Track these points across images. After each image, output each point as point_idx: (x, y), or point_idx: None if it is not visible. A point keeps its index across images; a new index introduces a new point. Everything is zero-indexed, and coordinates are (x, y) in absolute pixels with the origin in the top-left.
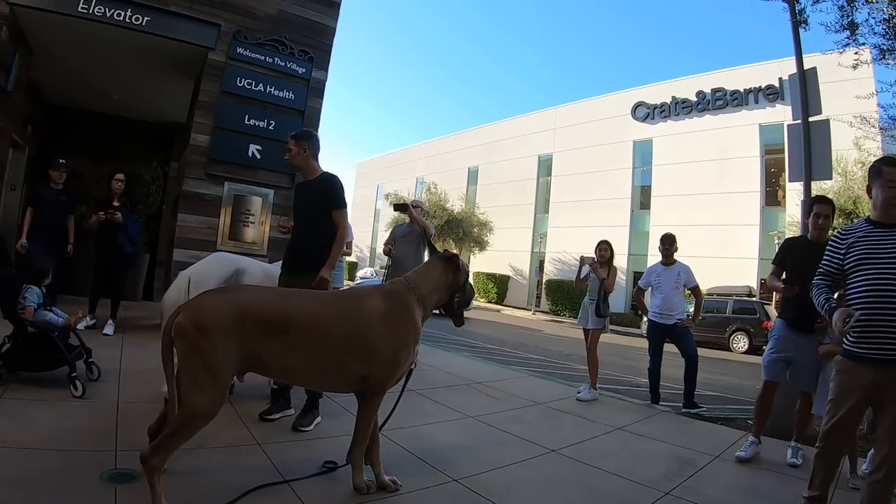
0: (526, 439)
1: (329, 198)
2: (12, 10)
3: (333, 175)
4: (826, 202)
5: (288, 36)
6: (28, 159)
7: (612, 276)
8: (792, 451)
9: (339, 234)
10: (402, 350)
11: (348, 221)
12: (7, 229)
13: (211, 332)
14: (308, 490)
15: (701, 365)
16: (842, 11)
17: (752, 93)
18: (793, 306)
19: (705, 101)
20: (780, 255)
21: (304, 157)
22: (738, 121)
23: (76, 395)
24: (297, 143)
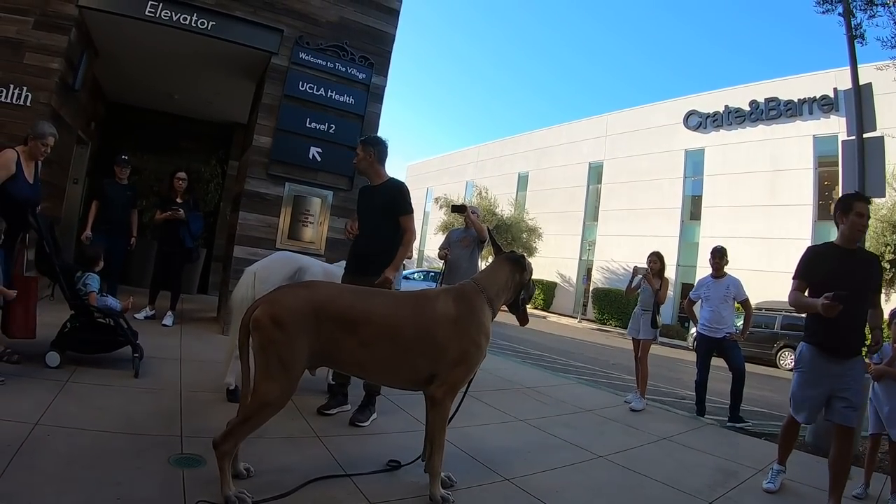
0: (575, 444)
1: (397, 203)
2: (81, 13)
3: (400, 181)
4: (868, 201)
5: (349, 42)
6: (90, 155)
7: (664, 288)
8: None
9: (407, 238)
10: (473, 351)
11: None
12: (69, 221)
13: (286, 325)
14: (369, 485)
15: (747, 380)
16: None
17: (805, 103)
18: (828, 328)
19: (758, 110)
20: (805, 266)
21: (370, 162)
22: (792, 132)
23: (134, 377)
24: (364, 148)
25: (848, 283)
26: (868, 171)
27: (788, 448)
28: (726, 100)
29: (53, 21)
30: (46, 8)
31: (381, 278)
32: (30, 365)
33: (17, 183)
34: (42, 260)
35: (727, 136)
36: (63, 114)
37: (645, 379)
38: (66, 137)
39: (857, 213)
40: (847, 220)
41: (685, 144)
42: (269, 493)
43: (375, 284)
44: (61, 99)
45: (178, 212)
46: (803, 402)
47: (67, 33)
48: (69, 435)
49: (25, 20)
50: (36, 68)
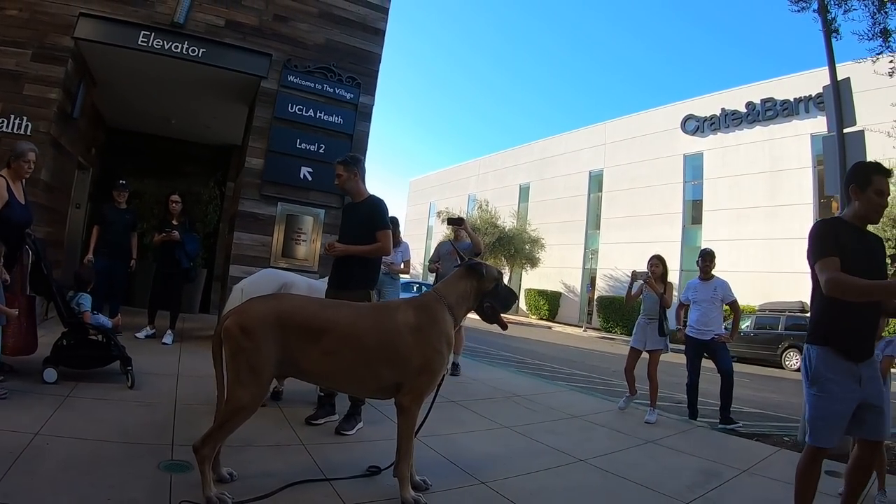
0: (557, 449)
1: (375, 219)
2: (77, 44)
3: (379, 198)
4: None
5: (336, 63)
6: (92, 180)
7: (668, 292)
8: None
9: (376, 246)
10: (435, 358)
11: (402, 240)
12: (72, 244)
13: (254, 334)
14: (347, 489)
15: (750, 382)
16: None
17: (801, 102)
18: (852, 324)
19: (755, 111)
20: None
21: (354, 181)
22: (789, 131)
23: (129, 387)
24: (346, 168)
25: (871, 264)
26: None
27: (811, 501)
28: (723, 102)
29: (51, 53)
30: (44, 41)
31: (328, 244)
32: (29, 381)
33: (12, 207)
34: (38, 280)
35: (725, 139)
36: (63, 141)
37: (656, 391)
38: (66, 164)
39: (876, 191)
40: (863, 196)
41: (684, 149)
42: (251, 496)
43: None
44: (60, 127)
45: (173, 233)
46: (834, 422)
47: (64, 64)
48: (67, 444)
49: (24, 52)
50: (35, 98)
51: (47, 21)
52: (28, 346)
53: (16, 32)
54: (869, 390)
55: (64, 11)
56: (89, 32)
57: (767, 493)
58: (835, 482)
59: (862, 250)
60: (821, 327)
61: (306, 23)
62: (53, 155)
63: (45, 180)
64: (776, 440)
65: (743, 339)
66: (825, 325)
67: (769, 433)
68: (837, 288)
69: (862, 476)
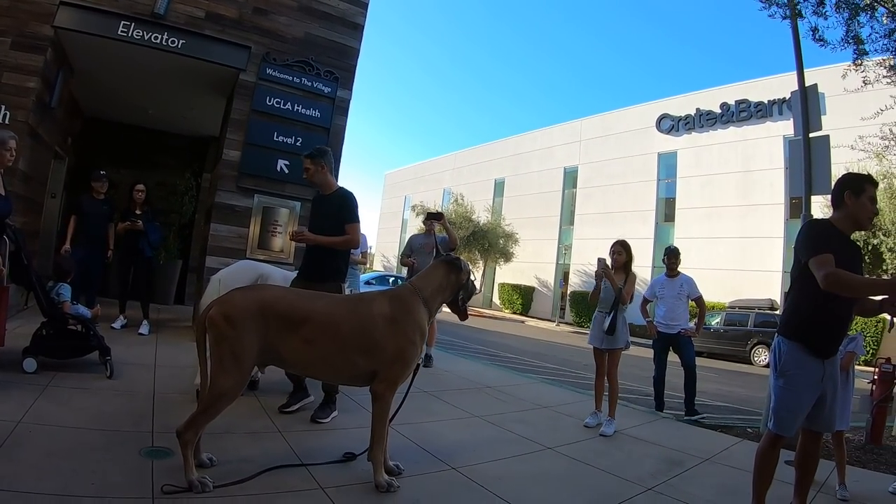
0: (526, 437)
1: (345, 211)
2: (56, 33)
3: (349, 191)
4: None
5: (314, 57)
6: (67, 169)
7: (629, 285)
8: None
9: (344, 239)
10: (409, 348)
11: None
12: (47, 234)
13: (236, 322)
14: (323, 474)
15: (718, 377)
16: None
17: (776, 104)
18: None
19: (729, 112)
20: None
21: (323, 174)
22: (763, 132)
23: (108, 377)
24: (313, 161)
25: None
26: (814, 169)
27: (768, 483)
28: (697, 103)
29: (30, 41)
30: (23, 29)
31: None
32: (8, 371)
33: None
34: (18, 270)
35: (699, 139)
36: (40, 131)
37: (615, 397)
38: (43, 153)
39: (869, 198)
40: (857, 202)
41: (658, 147)
42: (230, 480)
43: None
44: (38, 117)
45: (137, 223)
46: (798, 411)
47: (44, 53)
48: (49, 432)
49: (3, 41)
50: (13, 87)
51: (27, 9)
52: None
53: None
54: (828, 387)
55: (45, 0)
56: (69, 21)
57: (727, 480)
58: (792, 471)
59: (847, 259)
60: (794, 322)
61: (286, 16)
62: (31, 145)
63: (22, 170)
64: (739, 431)
65: (713, 335)
66: (798, 321)
67: (733, 425)
68: (837, 283)
69: (810, 465)
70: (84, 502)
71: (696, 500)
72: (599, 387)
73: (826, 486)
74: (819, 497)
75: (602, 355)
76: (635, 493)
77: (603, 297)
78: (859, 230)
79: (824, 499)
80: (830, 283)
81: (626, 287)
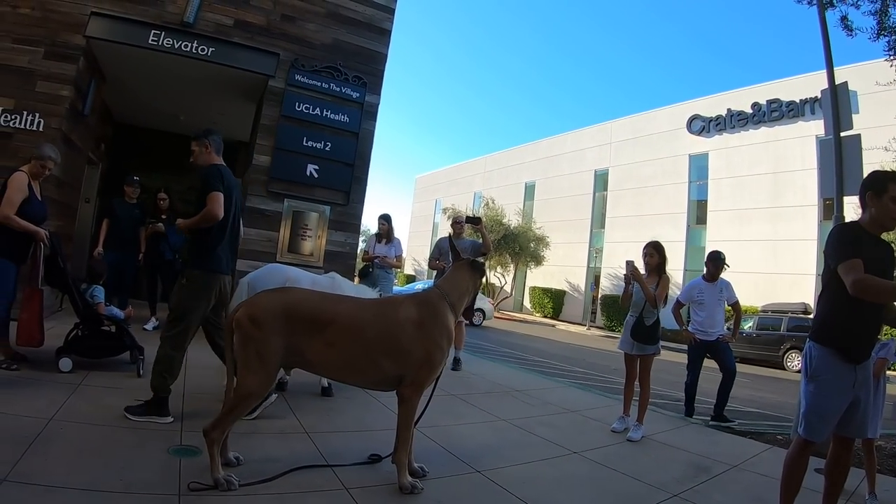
0: (552, 441)
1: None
2: (88, 42)
3: (214, 165)
4: None
5: (342, 63)
6: (101, 175)
7: (661, 288)
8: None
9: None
10: (436, 352)
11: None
12: (81, 238)
13: (262, 324)
14: (348, 475)
15: (751, 382)
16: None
17: (808, 103)
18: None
19: (761, 112)
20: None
21: (206, 154)
22: (795, 132)
23: (138, 376)
24: (198, 143)
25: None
26: (846, 169)
27: (796, 490)
28: (728, 103)
29: (62, 51)
30: (56, 38)
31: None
32: (42, 370)
33: (31, 203)
34: (54, 273)
35: (730, 140)
36: (73, 137)
37: (645, 403)
38: (77, 159)
39: (891, 198)
40: (880, 203)
41: (689, 149)
42: (256, 479)
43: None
44: (71, 123)
45: (158, 225)
46: (828, 417)
47: (76, 62)
48: (80, 429)
49: (36, 50)
50: (47, 95)
51: (59, 19)
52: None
53: (29, 30)
54: (861, 392)
55: (76, 10)
56: (101, 31)
57: (754, 488)
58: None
59: (877, 259)
60: (826, 327)
61: (314, 23)
62: (64, 151)
63: (56, 175)
64: (769, 438)
65: (745, 339)
66: (831, 326)
67: (763, 432)
68: (865, 290)
69: (841, 473)
70: (113, 497)
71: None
72: (628, 392)
73: (856, 494)
74: None
75: (633, 360)
76: (661, 500)
77: (635, 301)
78: (885, 231)
79: None
80: (858, 289)
81: (658, 290)
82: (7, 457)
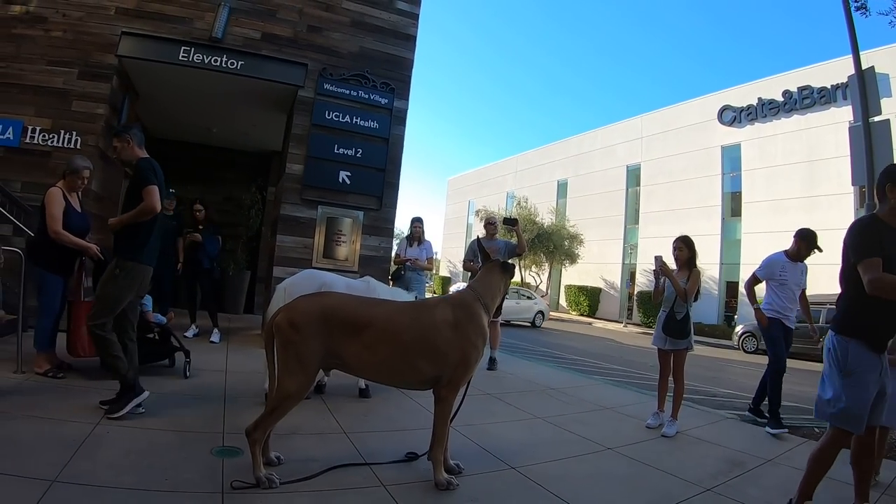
0: (586, 438)
1: (139, 179)
2: (120, 62)
3: (146, 157)
4: None
5: (370, 70)
6: None
7: (692, 283)
8: None
9: (140, 206)
10: (472, 352)
11: (425, 238)
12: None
13: (301, 328)
14: (385, 472)
15: (789, 375)
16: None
17: (839, 89)
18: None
19: (792, 100)
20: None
21: (129, 149)
22: (828, 119)
23: (186, 377)
24: (119, 139)
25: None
26: (876, 155)
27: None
28: (759, 92)
29: (96, 70)
30: (89, 59)
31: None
32: (87, 377)
33: (69, 215)
34: None
35: (762, 129)
36: (110, 153)
37: (680, 398)
38: (114, 174)
39: None
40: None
41: (721, 140)
42: (296, 477)
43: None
44: (108, 140)
45: (195, 235)
46: (865, 409)
47: (109, 81)
48: (125, 433)
49: (71, 71)
50: (83, 114)
51: (91, 41)
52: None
53: (62, 52)
54: (886, 380)
55: (107, 31)
56: (132, 50)
57: (789, 483)
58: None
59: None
60: (852, 320)
61: (339, 32)
62: (102, 167)
63: (94, 190)
64: (806, 432)
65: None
66: (857, 319)
67: (799, 426)
68: (881, 289)
69: (871, 461)
70: (159, 496)
71: (756, 501)
72: (663, 387)
73: (891, 488)
74: (884, 499)
75: (667, 356)
76: (694, 494)
77: (666, 296)
78: None
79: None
80: (875, 288)
81: (688, 284)
82: (56, 459)
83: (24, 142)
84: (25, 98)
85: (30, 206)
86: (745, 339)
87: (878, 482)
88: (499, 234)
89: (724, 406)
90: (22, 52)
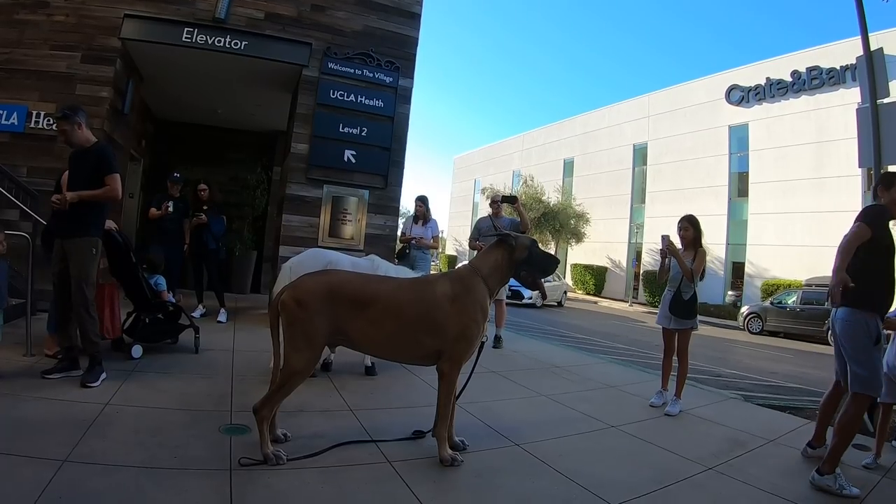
0: (590, 416)
1: (102, 165)
2: (124, 44)
3: (105, 144)
4: None
5: (374, 49)
6: (143, 170)
7: (698, 262)
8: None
9: (105, 190)
10: (471, 326)
11: (431, 217)
12: (127, 232)
13: (307, 305)
14: (391, 449)
15: (793, 357)
16: None
17: (848, 70)
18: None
19: (800, 80)
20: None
21: (79, 132)
22: (836, 100)
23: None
24: (67, 121)
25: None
26: (883, 137)
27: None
28: (767, 72)
29: (99, 54)
30: (92, 42)
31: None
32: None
33: None
34: (126, 268)
35: (771, 109)
36: (116, 136)
37: (684, 377)
38: (119, 157)
39: None
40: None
41: (728, 120)
42: (303, 454)
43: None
44: (113, 123)
45: (201, 217)
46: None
47: (113, 64)
48: (135, 412)
49: (74, 55)
50: (88, 98)
51: (94, 24)
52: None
53: (65, 37)
54: None
55: (109, 14)
56: (134, 32)
57: (791, 462)
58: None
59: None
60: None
61: (343, 10)
62: None
63: None
64: (809, 413)
65: (788, 314)
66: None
67: (803, 407)
68: (839, 249)
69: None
70: (169, 473)
71: (757, 480)
72: (667, 366)
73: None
74: (884, 482)
75: (671, 335)
76: (695, 472)
77: (672, 276)
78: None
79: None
80: (840, 246)
81: (694, 264)
82: (67, 439)
83: (29, 127)
84: (29, 83)
85: (36, 190)
86: (750, 319)
87: (879, 465)
88: (504, 212)
89: (728, 386)
90: (25, 38)
